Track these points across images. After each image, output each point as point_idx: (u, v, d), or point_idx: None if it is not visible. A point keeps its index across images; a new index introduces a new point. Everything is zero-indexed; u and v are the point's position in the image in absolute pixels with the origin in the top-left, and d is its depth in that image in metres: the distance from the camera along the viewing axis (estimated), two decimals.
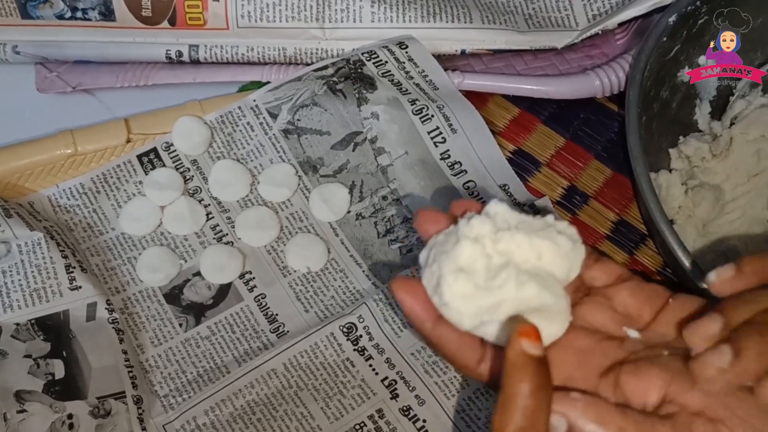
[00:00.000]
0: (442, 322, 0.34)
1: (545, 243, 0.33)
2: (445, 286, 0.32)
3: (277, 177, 0.49)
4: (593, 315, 0.35)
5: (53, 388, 0.41)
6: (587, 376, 0.33)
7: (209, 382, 0.44)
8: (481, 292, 0.32)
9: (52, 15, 0.50)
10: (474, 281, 0.32)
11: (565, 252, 0.33)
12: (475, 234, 0.32)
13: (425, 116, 0.49)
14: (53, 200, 0.49)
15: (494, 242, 0.32)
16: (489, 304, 0.32)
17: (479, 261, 0.32)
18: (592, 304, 0.35)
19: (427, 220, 0.35)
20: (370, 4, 0.50)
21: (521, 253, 0.32)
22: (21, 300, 0.43)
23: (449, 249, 0.33)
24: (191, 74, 0.52)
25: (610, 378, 0.33)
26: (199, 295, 0.47)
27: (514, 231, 0.33)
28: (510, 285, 0.32)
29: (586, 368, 0.33)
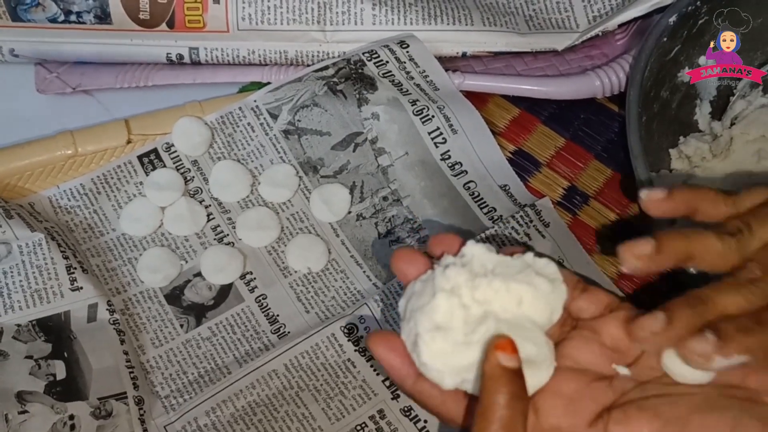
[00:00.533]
0: (423, 378, 0.33)
1: (524, 288, 0.32)
2: (422, 346, 0.31)
3: (277, 178, 0.49)
4: (580, 352, 0.34)
5: (54, 389, 0.41)
6: (575, 425, 0.32)
7: (210, 382, 0.44)
8: (460, 349, 0.31)
9: (45, 19, 0.49)
10: (452, 338, 0.31)
11: (545, 294, 0.32)
12: (452, 285, 0.32)
13: (426, 117, 0.49)
14: (54, 201, 0.49)
15: (471, 290, 0.32)
16: (469, 361, 0.31)
17: (456, 315, 0.32)
18: (579, 340, 0.34)
19: (403, 261, 0.34)
20: (371, 7, 0.50)
21: (500, 301, 0.32)
22: (22, 301, 0.43)
23: (425, 303, 0.32)
24: (191, 75, 0.51)
25: (598, 427, 0.32)
26: (200, 295, 0.47)
27: (491, 277, 0.32)
28: (489, 340, 0.31)
29: (575, 416, 0.32)
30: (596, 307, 0.35)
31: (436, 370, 0.32)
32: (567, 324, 0.35)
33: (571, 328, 0.35)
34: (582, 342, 0.34)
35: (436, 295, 0.32)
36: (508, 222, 0.46)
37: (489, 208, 0.48)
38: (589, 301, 0.35)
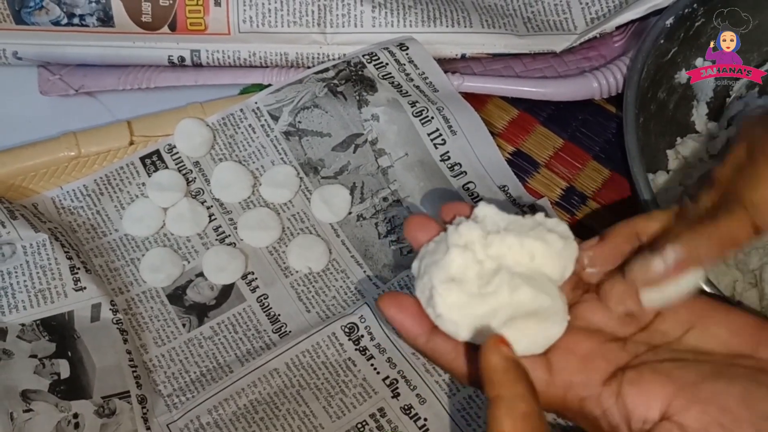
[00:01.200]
0: (436, 334, 0.33)
1: (537, 243, 0.32)
2: (437, 298, 0.32)
3: (278, 178, 0.50)
4: (594, 314, 0.34)
5: (59, 387, 0.42)
6: (589, 383, 0.33)
7: (212, 381, 0.44)
8: (475, 300, 0.32)
9: (48, 21, 0.50)
10: (467, 290, 0.32)
11: (558, 251, 0.33)
12: (465, 241, 0.32)
13: (425, 118, 0.50)
14: (57, 202, 0.49)
15: (485, 247, 0.32)
16: (484, 311, 0.32)
17: (471, 268, 0.32)
18: (592, 302, 0.35)
19: (416, 228, 0.35)
20: (371, 9, 0.50)
21: (513, 256, 0.32)
22: (26, 301, 0.44)
23: (439, 258, 0.32)
24: (193, 77, 0.52)
25: (612, 387, 0.32)
26: (202, 295, 0.47)
27: (504, 234, 0.32)
28: (503, 290, 0.32)
29: (588, 374, 0.33)
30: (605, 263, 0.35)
31: (452, 321, 0.32)
32: (579, 288, 0.35)
33: (583, 291, 0.35)
34: (595, 304, 0.34)
35: (450, 250, 0.32)
36: None
37: None
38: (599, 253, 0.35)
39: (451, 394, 0.43)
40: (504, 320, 0.32)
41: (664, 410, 0.31)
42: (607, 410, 0.32)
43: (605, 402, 0.32)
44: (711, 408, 0.31)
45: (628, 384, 0.32)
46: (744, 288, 0.47)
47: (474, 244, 0.32)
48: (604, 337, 0.34)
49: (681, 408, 0.31)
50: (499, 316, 0.32)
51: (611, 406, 0.32)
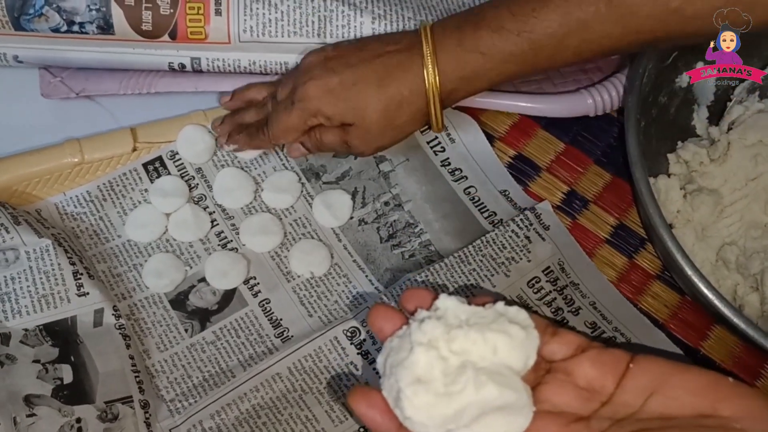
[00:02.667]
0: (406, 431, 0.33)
1: (499, 337, 0.33)
2: (405, 401, 0.32)
3: (280, 184, 0.50)
4: (556, 395, 0.34)
5: (62, 392, 0.42)
6: None
7: (215, 386, 0.44)
8: (442, 400, 0.32)
9: (48, 28, 0.50)
10: (433, 390, 0.32)
11: (520, 341, 0.33)
12: (428, 338, 0.32)
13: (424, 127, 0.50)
14: (60, 208, 0.49)
15: (448, 342, 0.32)
16: (452, 411, 0.32)
17: (435, 366, 0.32)
18: (554, 383, 0.34)
19: (380, 318, 0.35)
20: (370, 21, 0.51)
21: (477, 351, 0.32)
22: (29, 306, 0.44)
23: (404, 358, 0.32)
24: (193, 83, 0.52)
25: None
26: (204, 300, 0.47)
27: (466, 329, 0.32)
28: (470, 389, 0.32)
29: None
30: (567, 349, 0.35)
31: (421, 423, 0.32)
32: (541, 368, 0.35)
33: (545, 372, 0.35)
34: (557, 385, 0.34)
35: (414, 350, 0.32)
36: (508, 225, 0.47)
37: (489, 212, 0.48)
38: (560, 344, 0.35)
39: None
40: (472, 418, 0.32)
41: None
42: None
43: None
44: None
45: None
46: (745, 292, 0.47)
47: (437, 341, 0.32)
48: (567, 418, 0.34)
49: None
50: (466, 415, 0.32)
51: None
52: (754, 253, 0.47)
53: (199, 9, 0.50)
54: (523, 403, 0.32)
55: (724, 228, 0.48)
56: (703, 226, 0.49)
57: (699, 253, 0.48)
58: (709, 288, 0.42)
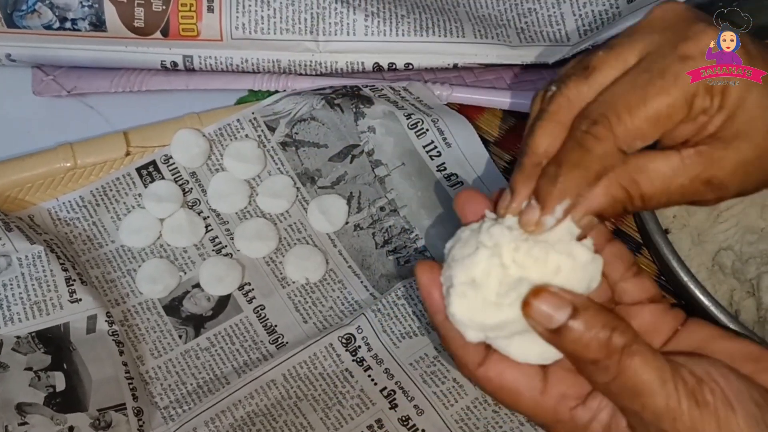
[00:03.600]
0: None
1: (563, 257, 0.32)
2: (453, 298, 0.32)
3: (275, 189, 0.50)
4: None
5: (54, 400, 0.41)
6: (580, 394, 0.33)
7: (209, 393, 0.44)
8: (488, 309, 0.32)
9: (40, 25, 0.50)
10: (483, 296, 0.32)
11: (583, 265, 0.33)
12: (494, 243, 0.32)
13: (420, 130, 0.50)
14: (53, 213, 0.49)
15: (512, 251, 0.32)
16: (496, 322, 0.32)
17: (493, 273, 0.32)
18: None
19: (465, 201, 0.35)
20: (363, 18, 0.51)
21: (538, 267, 0.32)
22: (21, 313, 0.44)
23: (467, 255, 0.32)
24: (185, 81, 0.52)
25: (597, 397, 0.33)
26: (199, 306, 0.47)
27: (532, 243, 0.32)
28: (517, 307, 0.31)
29: (582, 388, 0.33)
30: (639, 294, 0.35)
31: (462, 323, 0.32)
32: (607, 305, 0.35)
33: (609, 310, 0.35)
34: None
35: (478, 251, 0.32)
36: None
37: None
38: (635, 286, 0.35)
39: (449, 405, 0.43)
40: (513, 332, 0.32)
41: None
42: (597, 416, 0.32)
43: (592, 402, 0.33)
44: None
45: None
46: (741, 297, 0.47)
47: (502, 247, 0.32)
48: None
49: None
50: (509, 328, 0.32)
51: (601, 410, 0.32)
52: (750, 258, 0.47)
53: (191, 6, 0.50)
54: None
55: (720, 233, 0.48)
56: (699, 231, 0.48)
57: (695, 258, 0.48)
58: (705, 294, 0.42)
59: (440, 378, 0.43)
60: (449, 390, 0.43)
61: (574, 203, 0.32)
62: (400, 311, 0.45)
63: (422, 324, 0.45)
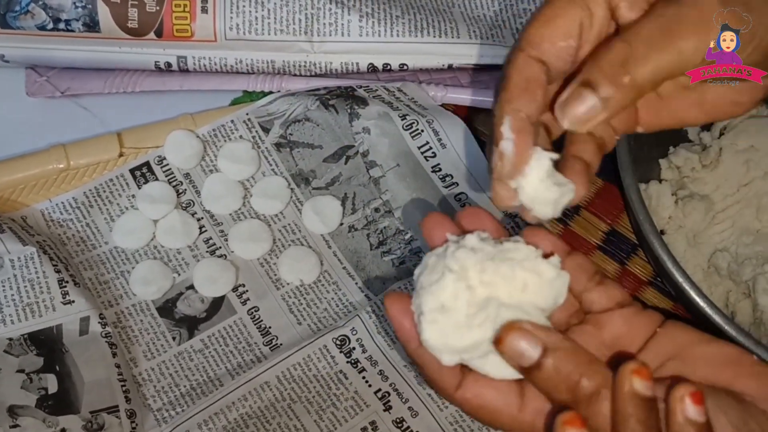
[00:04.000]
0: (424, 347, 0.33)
1: (529, 275, 0.33)
2: (425, 324, 0.32)
3: (269, 190, 0.49)
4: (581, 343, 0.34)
5: (46, 402, 0.41)
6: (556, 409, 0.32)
7: (202, 395, 0.44)
8: (460, 331, 0.32)
9: (34, 26, 0.50)
10: (454, 320, 0.32)
11: (550, 281, 0.33)
12: (460, 266, 0.32)
13: (415, 131, 0.49)
14: (46, 214, 0.49)
15: (479, 272, 0.32)
16: (469, 343, 0.32)
17: (461, 296, 0.32)
18: (579, 334, 0.35)
19: (432, 225, 0.35)
20: (358, 19, 0.50)
21: (505, 286, 0.32)
22: (14, 315, 0.44)
23: (434, 281, 0.33)
24: (179, 82, 0.52)
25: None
26: (192, 308, 0.47)
27: (498, 263, 0.33)
28: (489, 325, 0.32)
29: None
30: (607, 301, 0.35)
31: (436, 348, 0.33)
32: (575, 317, 0.35)
33: (578, 321, 0.35)
34: (583, 337, 0.34)
35: (444, 276, 0.32)
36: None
37: None
38: (602, 294, 0.35)
39: (444, 407, 0.42)
40: (486, 352, 0.32)
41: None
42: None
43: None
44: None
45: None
46: (737, 299, 0.47)
47: (468, 270, 0.32)
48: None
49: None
50: (481, 348, 0.32)
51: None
52: (746, 260, 0.47)
53: (185, 6, 0.50)
54: None
55: (715, 234, 0.48)
56: (694, 233, 0.48)
57: (690, 260, 0.48)
58: (700, 295, 0.42)
59: None
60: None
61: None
62: None
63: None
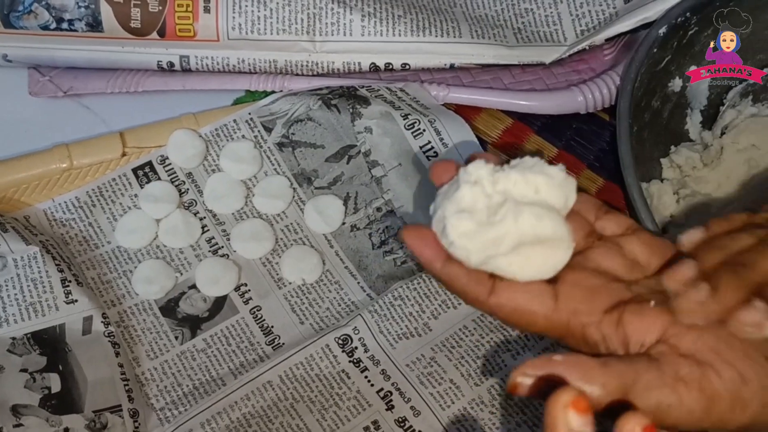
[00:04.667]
0: (451, 261, 0.35)
1: (539, 177, 0.34)
2: (449, 227, 0.34)
3: (271, 189, 0.49)
4: (603, 259, 0.35)
5: (49, 401, 0.41)
6: (592, 310, 0.34)
7: (205, 394, 0.44)
8: (483, 228, 0.33)
9: (37, 26, 0.50)
10: (476, 219, 0.34)
11: (559, 182, 0.35)
12: (474, 177, 0.34)
13: (417, 131, 0.49)
14: (49, 214, 0.49)
15: (492, 183, 0.34)
16: (492, 238, 0.33)
17: (480, 201, 0.34)
18: (603, 248, 0.36)
19: (439, 170, 0.36)
20: (360, 18, 0.50)
21: (518, 190, 0.34)
22: (17, 314, 0.44)
23: (453, 191, 0.34)
24: (181, 82, 0.52)
25: (614, 315, 0.33)
26: (195, 307, 0.47)
27: (509, 170, 0.34)
28: (509, 218, 0.33)
29: (592, 303, 0.34)
30: (618, 227, 0.37)
31: (463, 248, 0.34)
32: (592, 236, 0.36)
33: (595, 239, 0.36)
34: (605, 250, 0.36)
35: (461, 186, 0.34)
36: None
37: None
38: (612, 221, 0.37)
39: (446, 406, 0.43)
40: (511, 246, 0.33)
41: (660, 335, 0.32)
42: (607, 336, 0.33)
43: (605, 328, 0.33)
44: (706, 335, 0.32)
45: (629, 313, 0.33)
46: None
47: (482, 179, 0.34)
48: (610, 277, 0.35)
49: (677, 333, 0.32)
50: (506, 242, 0.33)
51: (611, 332, 0.33)
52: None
53: (187, 6, 0.50)
54: (563, 236, 0.34)
55: None
56: None
57: None
58: None
59: (437, 379, 0.43)
60: (446, 391, 0.43)
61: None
62: (396, 312, 0.45)
63: (419, 325, 0.45)
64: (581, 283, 0.34)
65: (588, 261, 0.35)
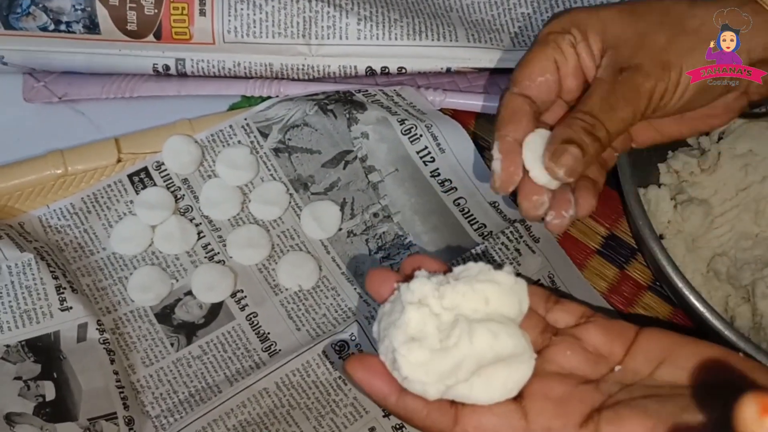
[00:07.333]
0: (406, 393, 0.33)
1: (488, 286, 0.33)
2: (401, 360, 0.32)
3: (268, 195, 0.49)
4: (564, 357, 0.34)
5: (44, 410, 0.41)
6: (566, 426, 0.32)
7: (201, 402, 0.43)
8: (438, 356, 0.32)
9: (36, 27, 0.50)
10: (428, 347, 0.32)
11: (509, 287, 0.33)
12: (418, 296, 0.32)
13: (414, 136, 0.49)
14: (44, 221, 0.49)
15: (438, 299, 0.32)
16: (449, 366, 0.32)
17: (429, 323, 0.32)
18: (562, 345, 0.35)
19: (376, 281, 0.35)
20: (356, 22, 0.50)
21: (468, 303, 0.32)
22: (11, 321, 0.43)
23: (396, 318, 0.32)
24: (176, 87, 0.52)
25: (590, 427, 0.32)
26: (191, 314, 0.46)
27: (454, 283, 0.33)
28: (464, 341, 0.31)
29: (565, 418, 0.32)
30: (571, 317, 0.35)
31: (419, 381, 0.32)
32: (547, 332, 0.35)
33: (552, 334, 0.35)
34: (565, 346, 0.34)
35: (405, 309, 0.32)
36: (498, 238, 0.46)
37: (479, 224, 0.48)
38: (563, 311, 0.36)
39: None
40: (471, 371, 0.32)
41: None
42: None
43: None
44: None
45: (605, 423, 0.32)
46: (736, 303, 0.47)
47: (428, 298, 0.32)
48: (576, 380, 0.34)
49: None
50: (464, 368, 0.32)
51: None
52: (744, 264, 0.47)
53: (183, 9, 0.50)
54: (523, 349, 0.32)
55: (714, 239, 0.48)
56: (693, 237, 0.48)
57: (690, 264, 0.48)
58: (700, 300, 0.42)
59: None
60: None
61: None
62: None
63: None
64: (549, 395, 0.33)
65: (549, 363, 0.34)
